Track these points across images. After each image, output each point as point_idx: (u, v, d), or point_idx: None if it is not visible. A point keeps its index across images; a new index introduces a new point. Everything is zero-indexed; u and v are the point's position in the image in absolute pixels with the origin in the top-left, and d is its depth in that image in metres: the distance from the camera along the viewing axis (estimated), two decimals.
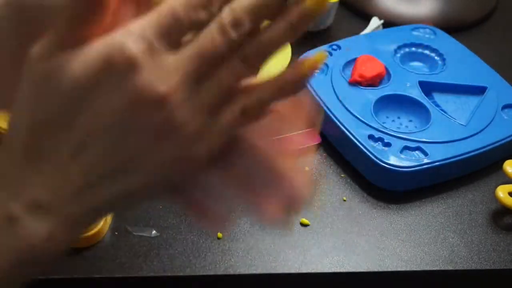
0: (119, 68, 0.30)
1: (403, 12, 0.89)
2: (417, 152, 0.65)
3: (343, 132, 0.67)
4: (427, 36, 0.80)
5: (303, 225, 0.62)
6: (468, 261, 0.60)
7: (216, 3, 0.31)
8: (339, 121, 0.67)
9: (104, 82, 0.30)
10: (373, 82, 0.72)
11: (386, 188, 0.65)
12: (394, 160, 0.64)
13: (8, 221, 0.33)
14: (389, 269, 0.59)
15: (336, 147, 0.69)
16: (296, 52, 0.77)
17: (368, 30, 0.84)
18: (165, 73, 0.30)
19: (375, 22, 0.85)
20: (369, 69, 0.72)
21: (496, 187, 0.63)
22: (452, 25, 0.88)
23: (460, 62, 0.76)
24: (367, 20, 0.86)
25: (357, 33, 0.82)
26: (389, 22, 0.85)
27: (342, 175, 0.67)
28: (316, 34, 0.86)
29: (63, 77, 0.30)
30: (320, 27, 0.87)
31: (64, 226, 0.33)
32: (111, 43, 0.30)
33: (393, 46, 0.78)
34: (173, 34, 0.31)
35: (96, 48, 0.30)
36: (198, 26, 0.31)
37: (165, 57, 0.31)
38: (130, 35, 0.30)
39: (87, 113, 0.31)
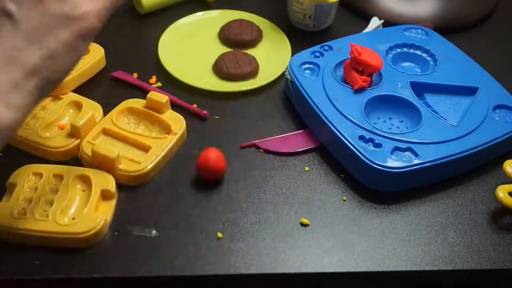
0: None
1: (403, 12, 0.89)
2: (407, 153, 0.65)
3: (333, 132, 0.66)
4: (419, 36, 0.80)
5: (303, 225, 0.62)
6: (468, 261, 0.60)
7: None
8: (329, 122, 0.67)
9: None
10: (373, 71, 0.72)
11: (376, 189, 0.65)
12: (384, 161, 0.63)
13: None
14: (389, 269, 0.59)
15: (327, 147, 0.69)
16: (296, 51, 0.77)
17: (368, 30, 0.84)
18: None
19: (375, 22, 0.85)
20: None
21: (496, 187, 0.63)
22: (452, 25, 0.88)
23: (452, 62, 0.76)
24: (367, 20, 0.86)
25: (357, 33, 0.82)
26: (389, 22, 0.85)
27: (342, 175, 0.67)
28: (316, 34, 0.86)
29: None
30: (320, 27, 0.87)
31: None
32: None
33: (385, 47, 0.77)
34: None
35: None
36: None
37: None
38: None
39: None
